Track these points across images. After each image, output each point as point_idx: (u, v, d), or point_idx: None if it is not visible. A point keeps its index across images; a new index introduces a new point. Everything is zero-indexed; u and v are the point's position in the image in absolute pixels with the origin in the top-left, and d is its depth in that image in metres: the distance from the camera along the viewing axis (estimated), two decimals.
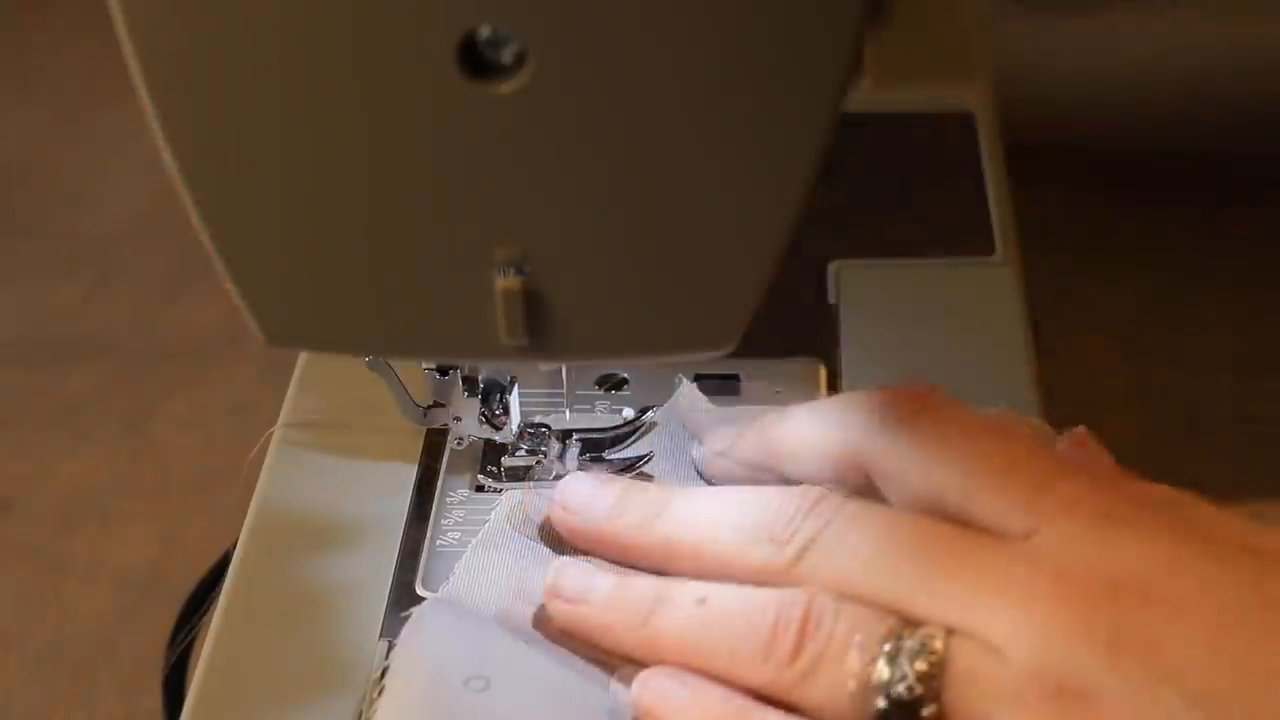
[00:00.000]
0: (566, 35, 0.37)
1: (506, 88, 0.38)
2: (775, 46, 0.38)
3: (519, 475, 0.52)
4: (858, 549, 0.42)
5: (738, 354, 0.44)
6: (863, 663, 0.41)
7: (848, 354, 0.57)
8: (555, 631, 0.46)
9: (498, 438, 0.53)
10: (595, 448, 0.53)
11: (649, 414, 0.53)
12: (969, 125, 0.71)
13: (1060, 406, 0.55)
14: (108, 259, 0.91)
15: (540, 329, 0.41)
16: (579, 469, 0.52)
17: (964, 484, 0.43)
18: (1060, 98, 0.99)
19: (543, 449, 0.53)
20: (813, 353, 0.57)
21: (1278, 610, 0.39)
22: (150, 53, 0.38)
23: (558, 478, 0.52)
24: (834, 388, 0.56)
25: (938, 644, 0.40)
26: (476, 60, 0.38)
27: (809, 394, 0.55)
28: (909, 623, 0.41)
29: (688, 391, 0.53)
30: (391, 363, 0.52)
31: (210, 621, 0.49)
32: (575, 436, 0.53)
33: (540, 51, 0.37)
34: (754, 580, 0.44)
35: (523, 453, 0.53)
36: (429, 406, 0.53)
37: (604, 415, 0.54)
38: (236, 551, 0.51)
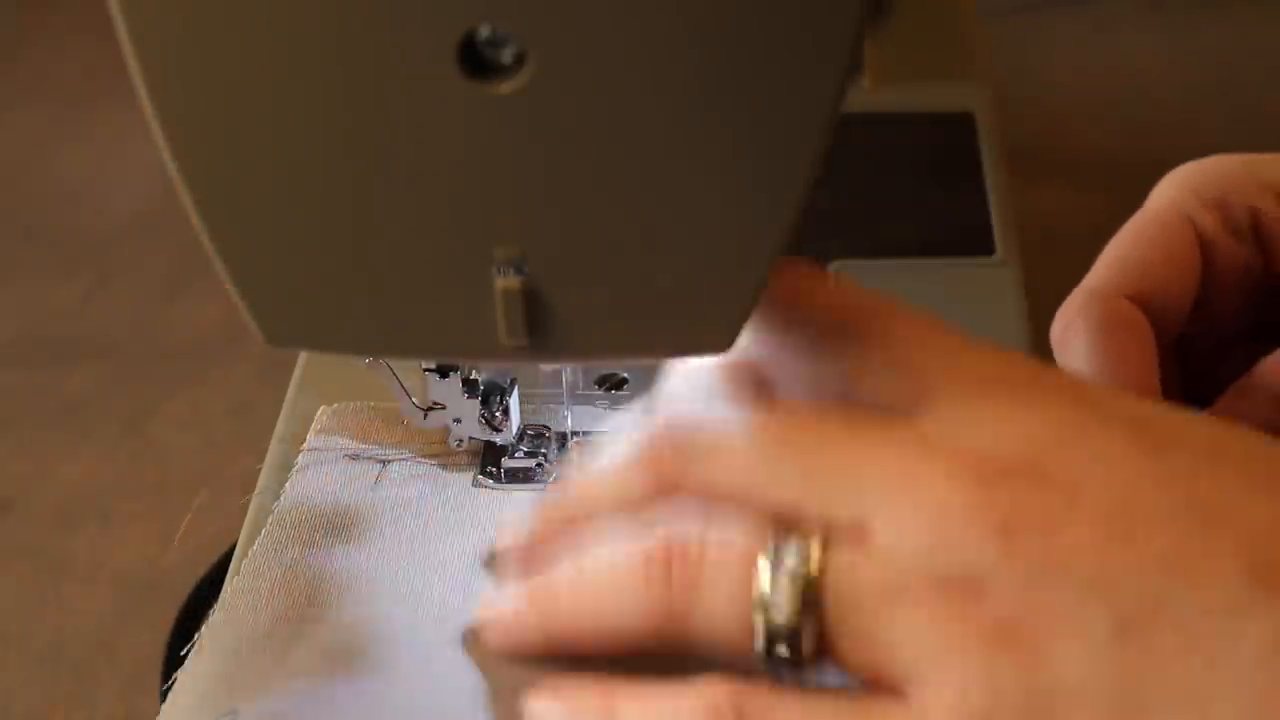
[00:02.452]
0: (566, 35, 0.37)
1: (506, 88, 0.38)
2: (774, 46, 0.38)
3: (519, 477, 0.52)
4: (736, 454, 0.41)
5: None
6: (737, 584, 0.39)
7: None
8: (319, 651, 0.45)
9: (497, 439, 0.53)
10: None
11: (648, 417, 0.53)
12: (969, 125, 0.71)
13: None
14: (108, 259, 0.91)
15: (540, 329, 0.41)
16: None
17: (852, 367, 0.41)
18: (1060, 98, 0.99)
19: (542, 450, 0.53)
20: None
21: (1178, 488, 0.37)
22: (150, 53, 0.38)
23: (558, 479, 0.52)
24: None
25: (814, 556, 0.38)
26: (476, 60, 0.38)
27: None
28: (789, 525, 0.39)
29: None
30: (391, 363, 0.52)
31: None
32: (575, 438, 0.53)
33: (540, 51, 0.37)
34: (642, 505, 0.42)
35: (522, 454, 0.53)
36: (429, 408, 0.53)
37: (605, 414, 0.54)
38: (237, 551, 0.51)
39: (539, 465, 0.52)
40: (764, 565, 0.39)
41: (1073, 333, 0.49)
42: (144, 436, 0.77)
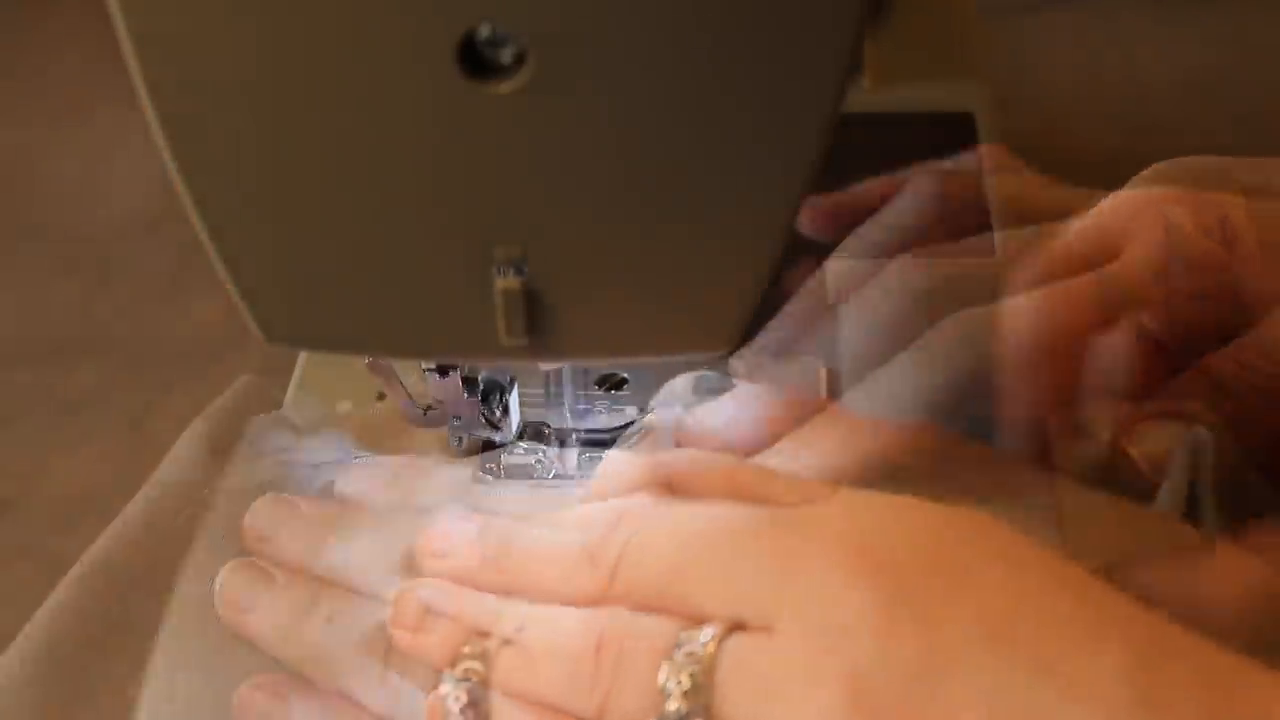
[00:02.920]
0: (566, 35, 0.37)
1: (506, 88, 0.38)
2: (775, 46, 0.38)
3: (519, 474, 0.52)
4: (661, 558, 0.42)
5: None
6: (647, 681, 0.40)
7: (848, 354, 0.57)
8: None
9: (497, 438, 0.53)
10: (595, 448, 0.53)
11: (649, 416, 0.54)
12: (969, 125, 0.71)
13: None
14: (108, 258, 0.91)
15: (540, 329, 0.41)
16: (579, 470, 0.52)
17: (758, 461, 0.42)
18: (1060, 97, 0.99)
19: (542, 448, 0.53)
20: (813, 353, 0.57)
21: (1071, 598, 0.36)
22: (150, 53, 0.38)
23: (557, 477, 0.52)
24: (834, 388, 0.56)
25: (710, 648, 0.39)
26: (476, 60, 0.38)
27: (809, 394, 0.55)
28: (702, 621, 0.40)
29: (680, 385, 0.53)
30: (391, 363, 0.52)
31: None
32: (575, 436, 0.53)
33: (540, 51, 0.37)
34: (582, 602, 0.43)
35: (522, 452, 0.53)
36: (429, 407, 0.53)
37: (605, 414, 0.55)
38: None
39: (539, 462, 0.52)
40: (667, 667, 0.39)
41: (1020, 273, 0.50)
42: (144, 435, 0.77)
